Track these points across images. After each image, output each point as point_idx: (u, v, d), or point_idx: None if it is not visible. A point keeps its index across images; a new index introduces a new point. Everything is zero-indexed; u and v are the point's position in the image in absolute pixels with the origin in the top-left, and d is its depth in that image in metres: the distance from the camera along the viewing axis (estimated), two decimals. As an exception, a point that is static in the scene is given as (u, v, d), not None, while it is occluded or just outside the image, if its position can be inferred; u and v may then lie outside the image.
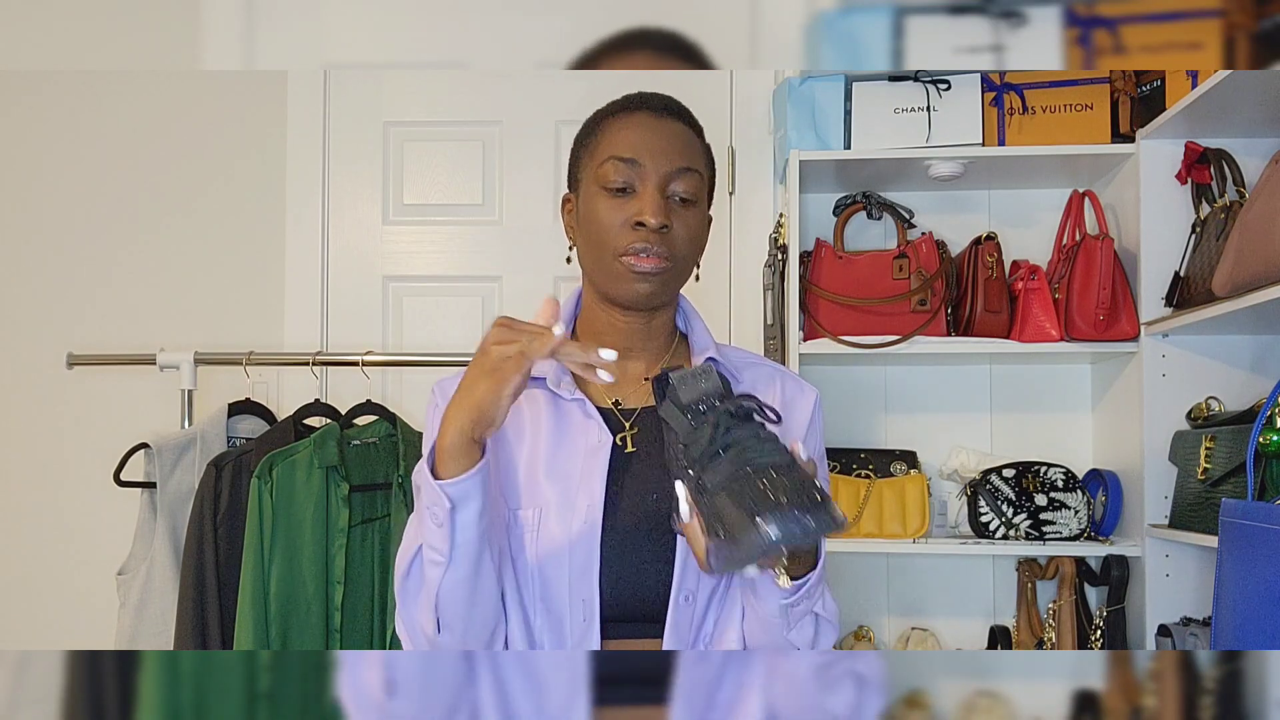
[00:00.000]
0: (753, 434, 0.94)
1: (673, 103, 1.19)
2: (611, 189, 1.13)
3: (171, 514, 1.97)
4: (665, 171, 1.13)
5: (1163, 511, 1.98)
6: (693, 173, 1.15)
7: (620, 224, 1.12)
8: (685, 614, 1.09)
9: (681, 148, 1.15)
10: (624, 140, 1.14)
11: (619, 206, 1.13)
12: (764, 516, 0.87)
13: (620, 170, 1.13)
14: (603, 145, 1.16)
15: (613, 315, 1.18)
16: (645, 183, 1.13)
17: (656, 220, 1.11)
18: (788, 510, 0.87)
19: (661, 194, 1.13)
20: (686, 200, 1.14)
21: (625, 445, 1.15)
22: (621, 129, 1.15)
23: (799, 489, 0.89)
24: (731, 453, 0.92)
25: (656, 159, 1.13)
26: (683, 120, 1.18)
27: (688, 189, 1.14)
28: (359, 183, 2.42)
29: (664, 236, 1.12)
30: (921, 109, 2.09)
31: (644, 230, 1.11)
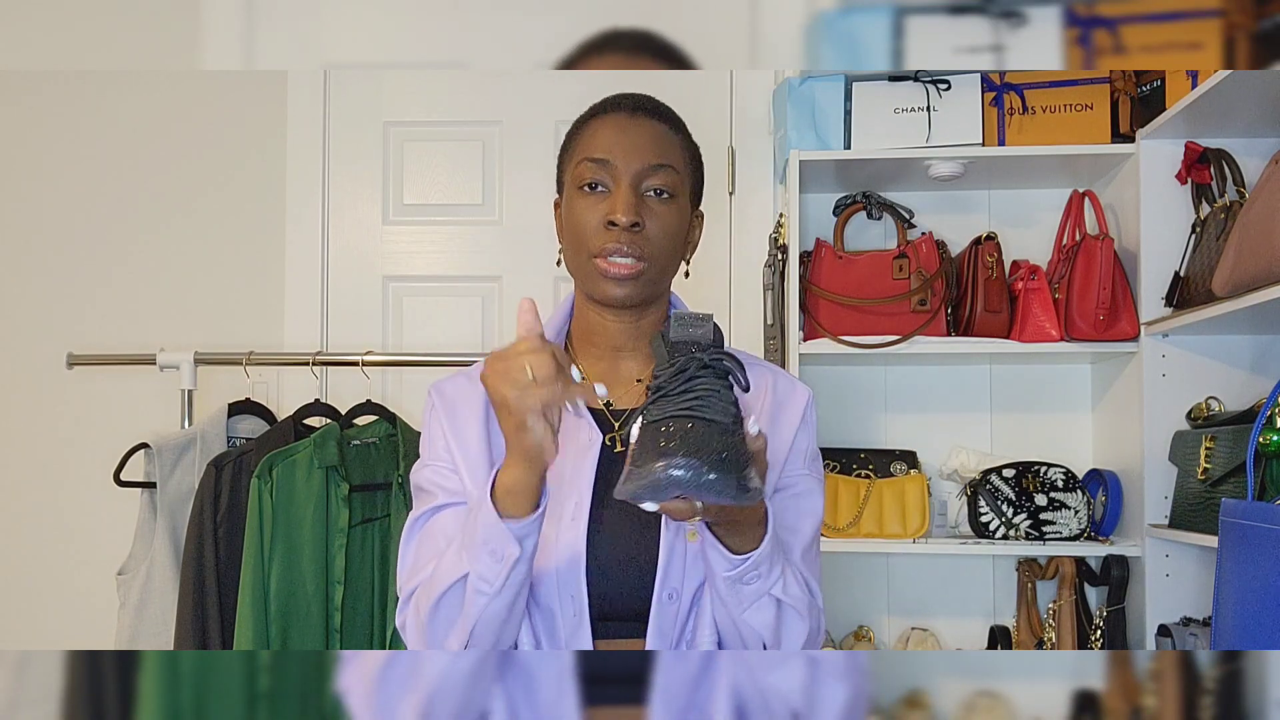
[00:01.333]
0: (713, 389, 0.95)
1: (647, 101, 1.19)
2: (586, 189, 1.14)
3: (171, 514, 1.97)
4: (636, 169, 1.13)
5: (1163, 511, 1.98)
6: (667, 168, 1.15)
7: (595, 224, 1.13)
8: (669, 613, 1.09)
9: (653, 144, 1.15)
10: (597, 141, 1.15)
11: (592, 207, 1.14)
12: (670, 455, 0.89)
13: (592, 170, 1.14)
14: (578, 148, 1.17)
15: (603, 316, 1.19)
16: (617, 182, 1.13)
17: (626, 219, 1.11)
18: (695, 459, 0.88)
19: (634, 192, 1.13)
20: (663, 197, 1.14)
21: (615, 445, 1.16)
22: (595, 130, 1.16)
23: (722, 447, 0.90)
24: (684, 397, 0.94)
25: (628, 157, 1.13)
26: (657, 117, 1.18)
27: (663, 184, 1.14)
28: (359, 183, 2.42)
29: (636, 235, 1.12)
30: (921, 109, 2.09)
31: (615, 229, 1.11)
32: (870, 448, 2.25)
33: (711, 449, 0.89)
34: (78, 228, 2.44)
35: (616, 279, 1.12)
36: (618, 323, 1.18)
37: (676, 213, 1.16)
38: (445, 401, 1.18)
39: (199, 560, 1.85)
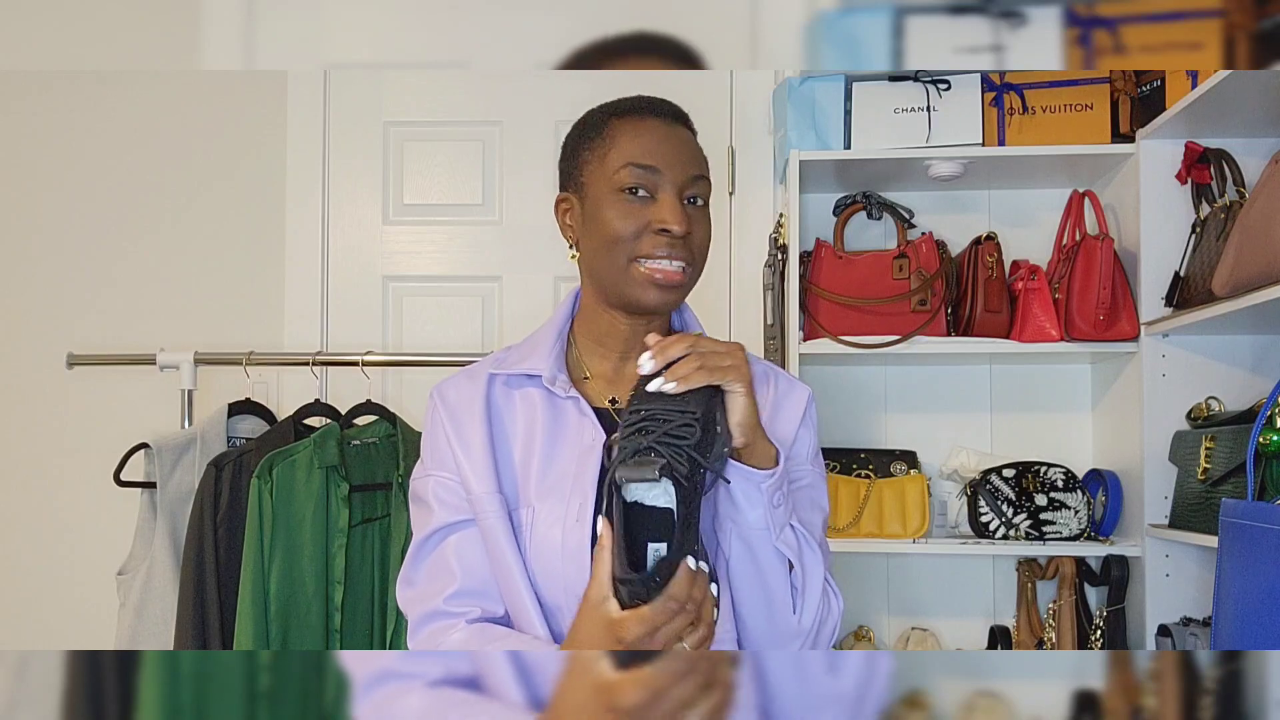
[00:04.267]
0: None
1: (679, 110, 1.21)
2: (628, 194, 1.14)
3: (171, 514, 1.96)
4: (682, 180, 1.15)
5: (1163, 511, 1.98)
6: (704, 180, 1.18)
7: (638, 229, 1.13)
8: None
9: (694, 155, 1.18)
10: (640, 146, 1.15)
11: (635, 212, 1.14)
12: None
13: (639, 176, 1.14)
14: (616, 149, 1.16)
15: (615, 318, 1.19)
16: (664, 190, 1.14)
17: (681, 228, 1.12)
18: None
19: (680, 200, 1.15)
20: (700, 205, 1.17)
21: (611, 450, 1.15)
22: (636, 134, 1.16)
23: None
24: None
25: (673, 167, 1.15)
26: (686, 125, 1.21)
27: (701, 195, 1.17)
28: (359, 183, 2.42)
29: (686, 242, 1.14)
30: (921, 109, 2.09)
31: (667, 236, 1.13)
32: (870, 448, 2.25)
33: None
34: (78, 228, 2.44)
35: (663, 285, 1.13)
36: (631, 325, 1.19)
37: (709, 220, 1.19)
38: (448, 405, 1.18)
39: (199, 560, 1.85)
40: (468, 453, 1.14)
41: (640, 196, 1.14)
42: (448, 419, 1.17)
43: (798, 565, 1.09)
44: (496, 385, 1.19)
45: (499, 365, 1.21)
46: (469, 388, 1.18)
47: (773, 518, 1.06)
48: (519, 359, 1.20)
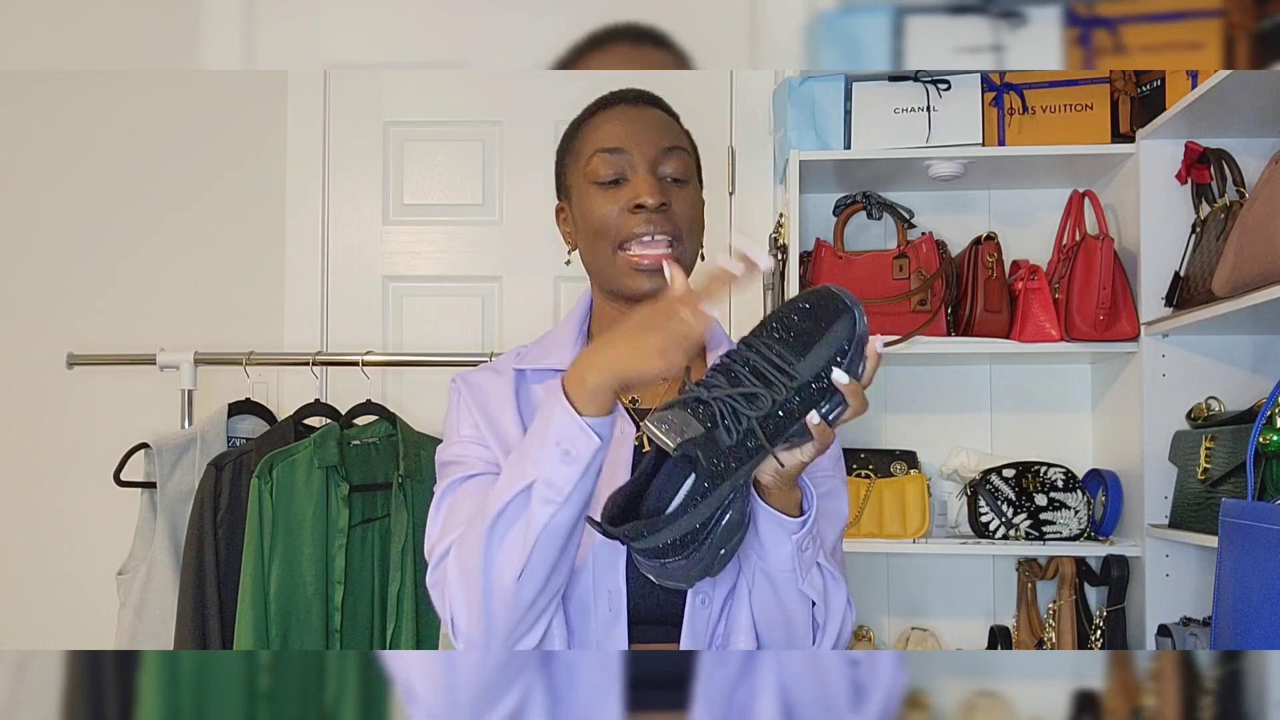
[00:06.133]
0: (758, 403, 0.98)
1: (647, 94, 1.20)
2: (603, 182, 1.14)
3: (171, 514, 1.97)
4: (653, 154, 1.14)
5: (1163, 511, 1.98)
6: (680, 150, 1.16)
7: (617, 213, 1.13)
8: (701, 617, 1.09)
9: (664, 130, 1.16)
10: (607, 133, 1.15)
11: (612, 197, 1.13)
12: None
13: (608, 162, 1.14)
14: (586, 143, 1.17)
15: (619, 310, 1.18)
16: (635, 168, 1.13)
17: (655, 200, 1.11)
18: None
19: (654, 175, 1.13)
20: (679, 180, 1.15)
21: (641, 445, 1.14)
22: (602, 124, 1.16)
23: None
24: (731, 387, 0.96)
25: (642, 144, 1.14)
26: (658, 107, 1.19)
27: (678, 169, 1.15)
28: (359, 183, 2.42)
29: (665, 215, 1.12)
30: (921, 109, 2.09)
31: (644, 212, 1.11)
32: (870, 448, 2.25)
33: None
34: (78, 228, 2.44)
35: (649, 271, 1.12)
36: None
37: (693, 195, 1.17)
38: (473, 389, 1.17)
39: (199, 560, 1.85)
40: (501, 441, 1.12)
41: (616, 183, 1.14)
42: (474, 404, 1.15)
43: (821, 604, 1.06)
44: (523, 379, 1.18)
45: (522, 360, 1.20)
46: (496, 380, 1.17)
47: (799, 561, 1.03)
48: (542, 354, 1.19)
